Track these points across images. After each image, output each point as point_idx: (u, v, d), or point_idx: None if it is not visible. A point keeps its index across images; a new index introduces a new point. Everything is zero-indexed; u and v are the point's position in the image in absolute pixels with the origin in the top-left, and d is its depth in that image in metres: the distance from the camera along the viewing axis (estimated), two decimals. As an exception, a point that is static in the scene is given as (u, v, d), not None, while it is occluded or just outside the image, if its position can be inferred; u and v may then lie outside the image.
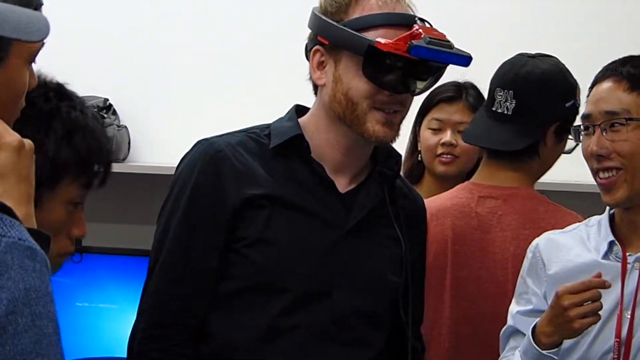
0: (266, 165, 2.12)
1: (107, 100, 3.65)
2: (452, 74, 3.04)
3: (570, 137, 2.51)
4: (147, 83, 3.74)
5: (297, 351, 2.08)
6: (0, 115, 1.43)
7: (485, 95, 2.99)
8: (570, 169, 2.80)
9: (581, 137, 2.25)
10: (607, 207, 2.26)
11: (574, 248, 2.26)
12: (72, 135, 1.79)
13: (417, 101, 3.03)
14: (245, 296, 2.09)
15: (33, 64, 1.55)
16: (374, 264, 2.15)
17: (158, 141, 3.69)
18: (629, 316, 2.14)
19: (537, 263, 2.29)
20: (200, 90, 3.77)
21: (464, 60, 2.06)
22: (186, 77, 3.76)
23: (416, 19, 2.07)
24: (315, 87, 2.17)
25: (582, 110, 2.34)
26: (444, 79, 3.03)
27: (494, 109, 2.60)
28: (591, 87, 2.24)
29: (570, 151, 2.62)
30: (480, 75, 2.85)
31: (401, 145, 2.65)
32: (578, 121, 2.35)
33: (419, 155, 3.05)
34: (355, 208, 2.14)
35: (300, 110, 2.21)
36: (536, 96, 2.54)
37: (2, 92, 1.44)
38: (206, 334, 2.11)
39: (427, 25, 2.09)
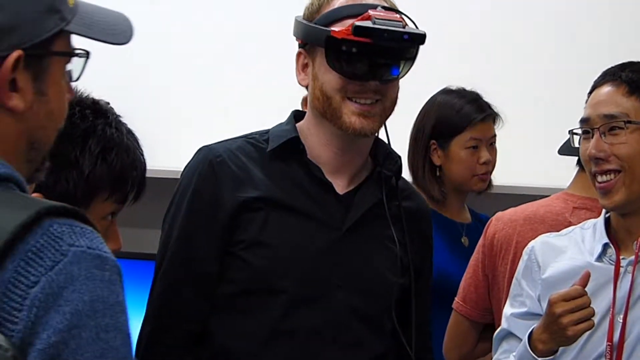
0: (264, 169, 2.14)
1: (108, 104, 3.67)
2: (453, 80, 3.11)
3: None
4: (147, 87, 3.75)
5: (296, 354, 2.07)
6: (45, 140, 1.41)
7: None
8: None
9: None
10: (604, 211, 2.26)
11: (568, 251, 2.27)
12: (107, 153, 1.82)
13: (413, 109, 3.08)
14: (243, 299, 2.09)
15: None
16: (372, 265, 2.15)
17: (159, 145, 3.68)
18: (620, 320, 2.14)
19: (532, 266, 2.29)
20: (202, 94, 3.77)
21: (415, 37, 2.05)
22: (187, 81, 3.77)
23: (379, 7, 2.07)
24: None
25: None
26: (444, 81, 3.11)
27: None
28: (590, 92, 2.25)
29: None
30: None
31: (402, 146, 2.67)
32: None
33: (438, 172, 3.09)
34: (352, 209, 2.15)
35: (299, 115, 2.23)
36: None
37: (45, 120, 1.39)
38: (207, 338, 2.11)
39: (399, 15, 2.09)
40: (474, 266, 2.77)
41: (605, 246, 2.21)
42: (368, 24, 2.02)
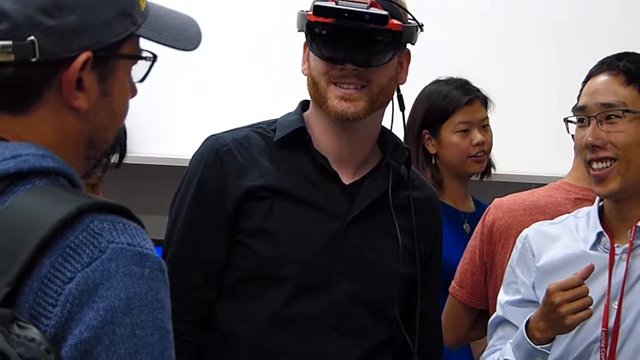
0: (270, 158, 2.16)
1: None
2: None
3: None
4: (160, 79, 3.73)
5: (298, 340, 2.10)
6: (104, 139, 1.40)
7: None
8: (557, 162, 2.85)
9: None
10: (597, 199, 2.28)
11: (562, 239, 2.28)
12: None
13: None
14: (247, 286, 2.12)
15: None
16: (375, 254, 2.17)
17: (155, 131, 3.73)
18: (616, 306, 2.16)
19: (526, 253, 2.31)
20: (197, 82, 3.76)
21: (375, 18, 2.06)
22: (183, 68, 3.76)
23: None
24: None
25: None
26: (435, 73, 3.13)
27: None
28: (585, 81, 2.26)
29: None
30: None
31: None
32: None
33: (434, 160, 3.12)
34: (358, 199, 2.16)
35: (307, 105, 2.24)
36: None
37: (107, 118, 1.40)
38: (212, 323, 2.14)
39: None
40: (471, 252, 2.78)
41: (600, 235, 2.23)
42: (331, 4, 2.05)
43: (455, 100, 3.06)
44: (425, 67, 2.67)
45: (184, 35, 1.43)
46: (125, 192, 2.47)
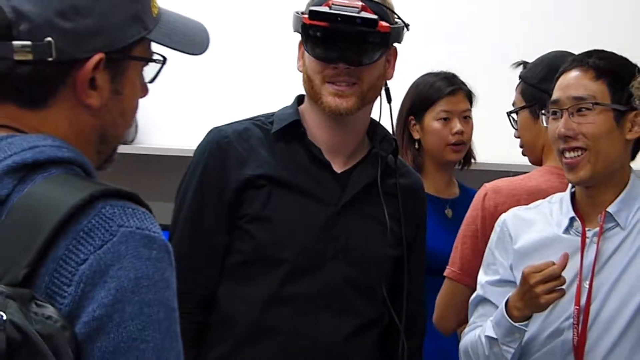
0: (268, 149, 2.30)
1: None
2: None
3: None
4: (167, 77, 3.83)
5: (292, 318, 2.24)
6: (115, 135, 1.47)
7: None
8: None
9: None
10: (569, 186, 2.41)
11: (537, 223, 2.41)
12: None
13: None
14: (246, 268, 2.26)
15: None
16: (365, 238, 2.31)
17: (164, 124, 3.83)
18: (587, 286, 2.29)
19: (504, 237, 2.43)
20: (201, 80, 3.88)
21: (366, 22, 2.19)
22: (193, 60, 3.87)
23: None
24: None
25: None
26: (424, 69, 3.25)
27: None
28: (558, 77, 2.39)
29: None
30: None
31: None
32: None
33: (416, 144, 3.25)
34: (349, 187, 2.31)
35: (302, 99, 2.39)
36: None
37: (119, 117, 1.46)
38: (214, 304, 2.28)
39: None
40: (471, 237, 2.76)
41: (572, 219, 2.35)
42: (324, 9, 2.19)
43: (439, 90, 3.21)
44: (412, 63, 2.80)
45: (192, 41, 1.51)
46: (135, 180, 2.60)
